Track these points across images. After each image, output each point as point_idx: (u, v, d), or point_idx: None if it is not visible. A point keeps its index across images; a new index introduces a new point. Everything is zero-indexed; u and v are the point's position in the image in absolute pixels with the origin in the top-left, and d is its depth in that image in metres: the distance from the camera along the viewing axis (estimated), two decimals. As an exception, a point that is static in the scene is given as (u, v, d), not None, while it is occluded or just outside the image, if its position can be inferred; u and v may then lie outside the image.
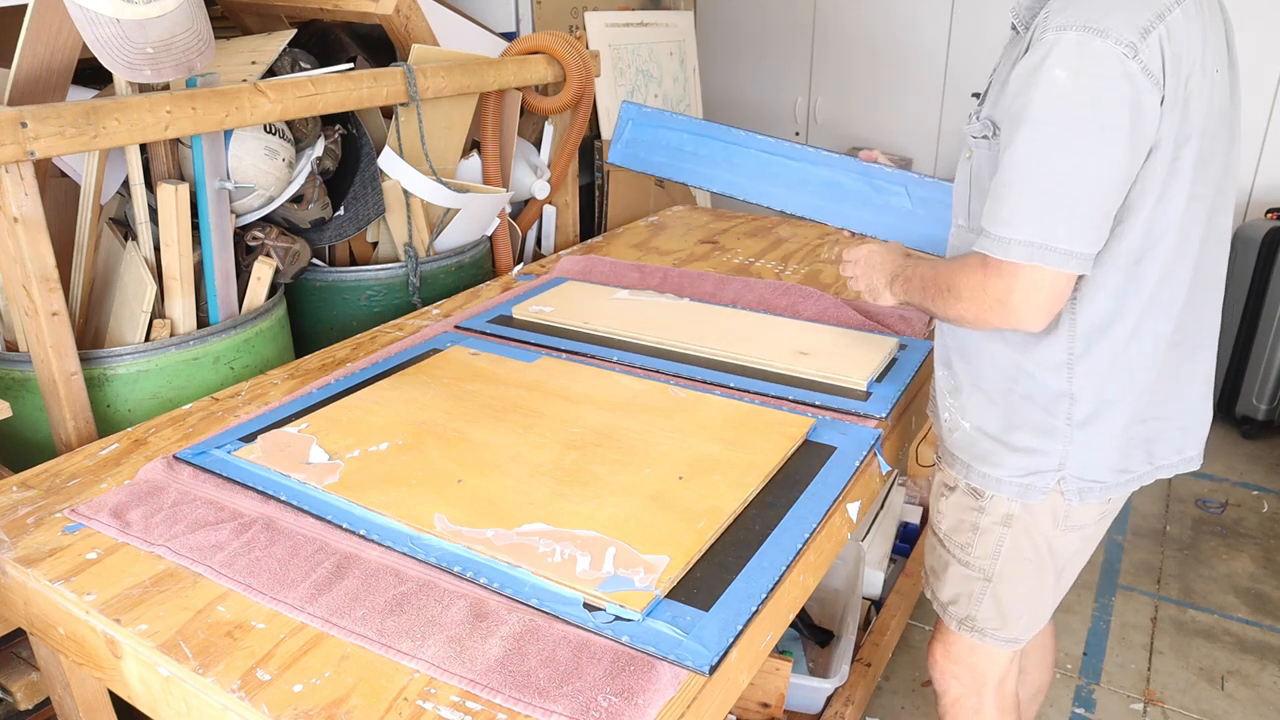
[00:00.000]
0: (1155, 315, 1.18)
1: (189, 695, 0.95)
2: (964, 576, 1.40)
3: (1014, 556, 1.34)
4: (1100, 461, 1.25)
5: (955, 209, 1.32)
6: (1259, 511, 2.97)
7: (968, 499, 1.36)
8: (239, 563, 1.09)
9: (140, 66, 1.40)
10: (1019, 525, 1.32)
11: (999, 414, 1.28)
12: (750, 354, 1.66)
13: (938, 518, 1.44)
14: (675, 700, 0.89)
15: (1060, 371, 1.21)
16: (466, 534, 1.12)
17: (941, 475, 1.42)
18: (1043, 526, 1.31)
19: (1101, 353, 1.19)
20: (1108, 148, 1.04)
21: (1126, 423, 1.24)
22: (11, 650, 1.45)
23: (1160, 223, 1.12)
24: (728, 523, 1.16)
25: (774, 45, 4.49)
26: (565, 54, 2.38)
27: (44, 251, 1.41)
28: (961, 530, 1.38)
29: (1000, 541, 1.34)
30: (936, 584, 1.47)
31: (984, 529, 1.35)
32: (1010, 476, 1.29)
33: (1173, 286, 1.18)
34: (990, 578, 1.37)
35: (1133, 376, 1.21)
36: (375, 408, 1.46)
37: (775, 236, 2.56)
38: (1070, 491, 1.27)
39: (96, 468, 1.34)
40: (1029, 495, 1.28)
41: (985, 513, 1.34)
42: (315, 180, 1.91)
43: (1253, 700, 2.16)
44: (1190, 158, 1.11)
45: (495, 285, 2.17)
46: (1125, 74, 1.02)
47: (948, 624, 1.46)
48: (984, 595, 1.39)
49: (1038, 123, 1.06)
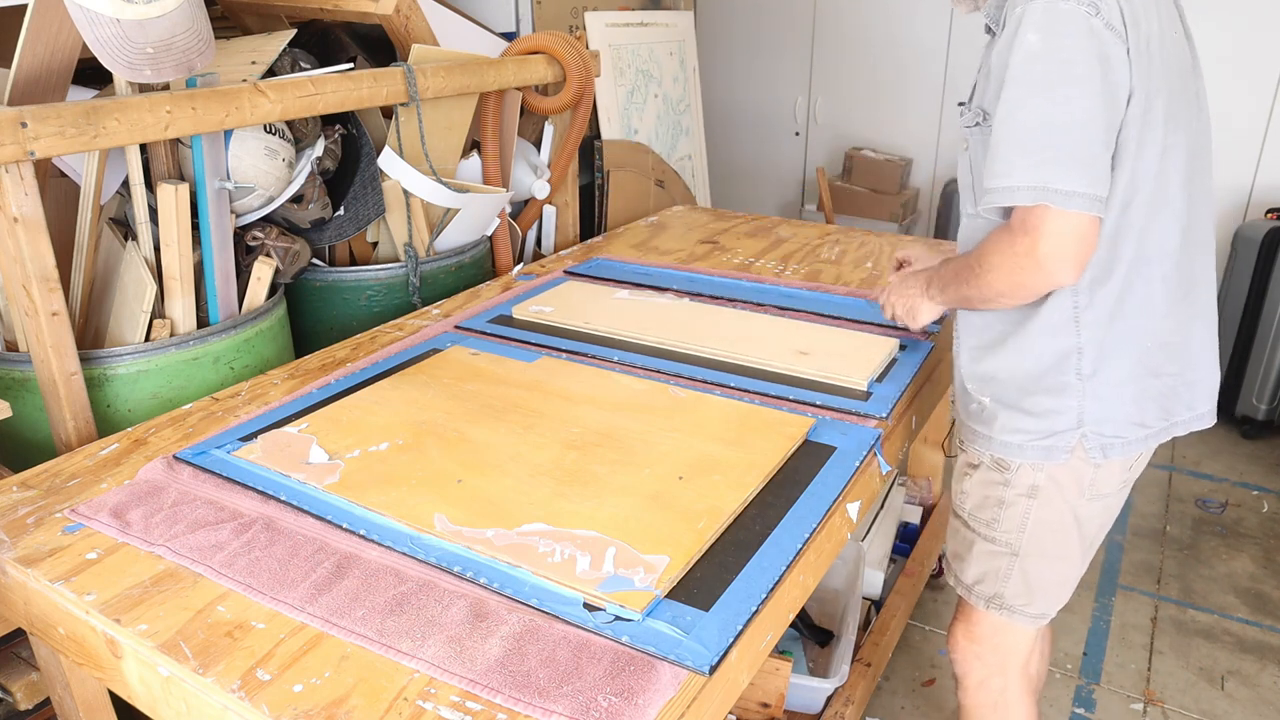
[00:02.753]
0: (1149, 260, 1.24)
1: (189, 695, 0.95)
2: (990, 553, 1.42)
3: (1041, 528, 1.36)
4: (1116, 414, 1.29)
5: (963, 200, 1.37)
6: (1259, 511, 2.97)
7: (992, 474, 1.38)
8: (239, 563, 1.09)
9: (140, 66, 1.40)
10: (1044, 495, 1.34)
11: (1015, 383, 1.32)
12: (750, 354, 1.66)
13: (961, 498, 1.46)
14: (675, 700, 0.89)
15: (1068, 327, 1.26)
16: (466, 534, 1.12)
17: (964, 456, 1.46)
18: (1068, 495, 1.34)
19: (1103, 302, 1.25)
20: (1082, 96, 1.12)
21: (1134, 370, 1.28)
22: (11, 650, 1.45)
23: (1139, 170, 1.20)
24: (728, 523, 1.16)
25: (774, 45, 4.49)
26: (565, 54, 2.38)
27: (44, 251, 1.41)
28: (987, 506, 1.40)
29: (1026, 513, 1.36)
30: (960, 566, 1.48)
31: (1009, 502, 1.37)
32: (1032, 441, 1.32)
33: (1161, 231, 1.24)
34: (1017, 551, 1.39)
35: (1131, 323, 1.26)
36: (375, 408, 1.46)
37: (775, 236, 2.56)
38: (1093, 449, 1.30)
39: (96, 468, 1.34)
40: (1053, 456, 1.31)
41: (1010, 485, 1.36)
42: (315, 180, 1.91)
43: (1253, 700, 2.16)
44: (1160, 109, 1.18)
45: (495, 285, 2.17)
46: (1090, 30, 1.11)
47: (974, 604, 1.47)
48: (1011, 570, 1.40)
49: (1017, 82, 1.14)
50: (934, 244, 1.99)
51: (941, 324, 1.83)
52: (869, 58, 4.26)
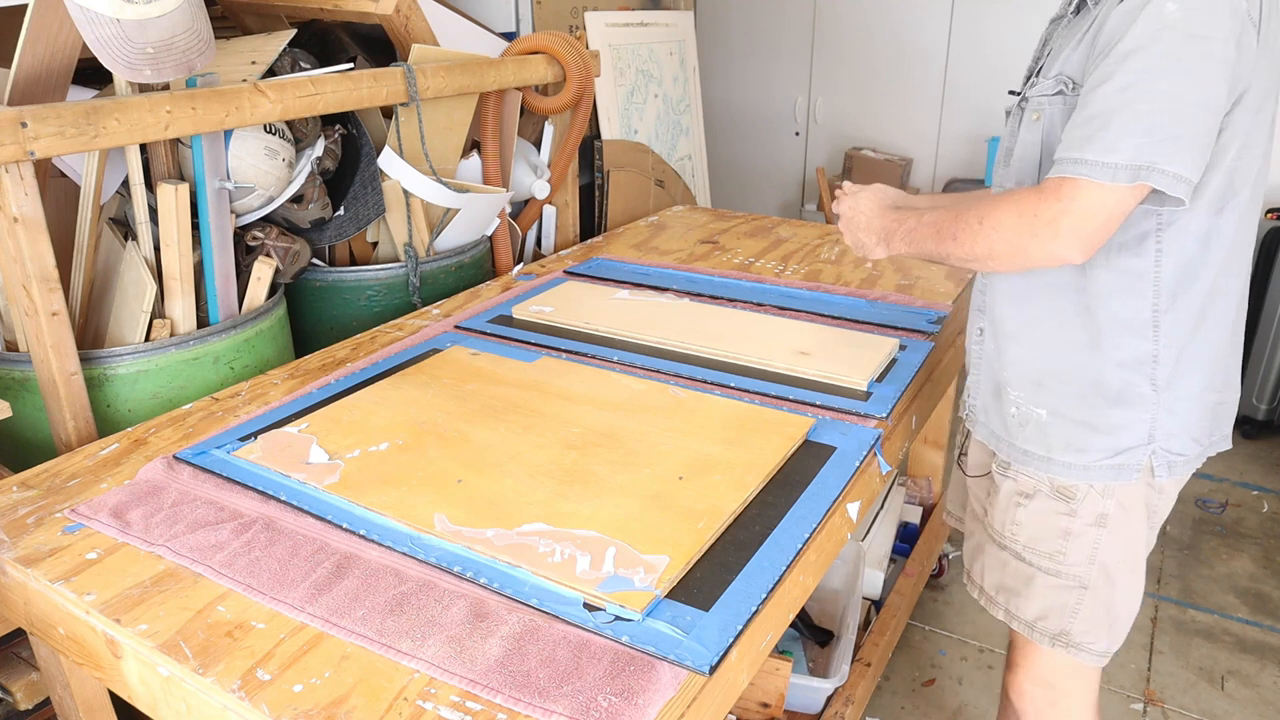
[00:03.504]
0: (1230, 272, 1.17)
1: (189, 695, 0.95)
2: (1055, 587, 1.30)
3: (1112, 556, 1.27)
4: (1183, 429, 1.21)
5: (1017, 174, 1.26)
6: (1259, 511, 2.97)
7: (1053, 503, 1.27)
8: (239, 563, 1.09)
9: (140, 66, 1.40)
10: (1115, 524, 1.25)
11: (1078, 392, 1.22)
12: (750, 354, 1.66)
13: (1012, 529, 1.33)
14: (675, 700, 0.89)
15: (1145, 330, 1.17)
16: (466, 534, 1.12)
17: (1011, 484, 1.33)
18: (1135, 519, 1.25)
19: (1186, 308, 1.16)
20: (1210, 78, 1.02)
21: (1206, 385, 1.21)
22: (11, 650, 1.45)
23: (1241, 172, 1.11)
24: (728, 523, 1.16)
25: (774, 45, 4.49)
26: (565, 54, 2.38)
27: (44, 251, 1.41)
28: (1048, 538, 1.29)
29: (1096, 543, 1.26)
30: (1015, 602, 1.36)
31: (1076, 533, 1.26)
32: (1100, 461, 1.22)
33: (1245, 241, 1.17)
34: (1087, 585, 1.28)
35: (1210, 334, 1.18)
36: (375, 408, 1.46)
37: (775, 236, 2.56)
38: (1160, 466, 1.21)
39: (96, 468, 1.34)
40: (1123, 475, 1.22)
41: (1077, 515, 1.25)
42: (315, 180, 1.91)
43: (1253, 700, 2.16)
44: (1269, 110, 1.10)
45: (495, 285, 2.17)
46: (1232, 9, 1.02)
47: (1038, 643, 1.35)
48: (1080, 604, 1.29)
49: (1142, 52, 1.03)
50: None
51: (941, 325, 1.82)
52: (869, 58, 4.26)
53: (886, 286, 2.08)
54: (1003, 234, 1.13)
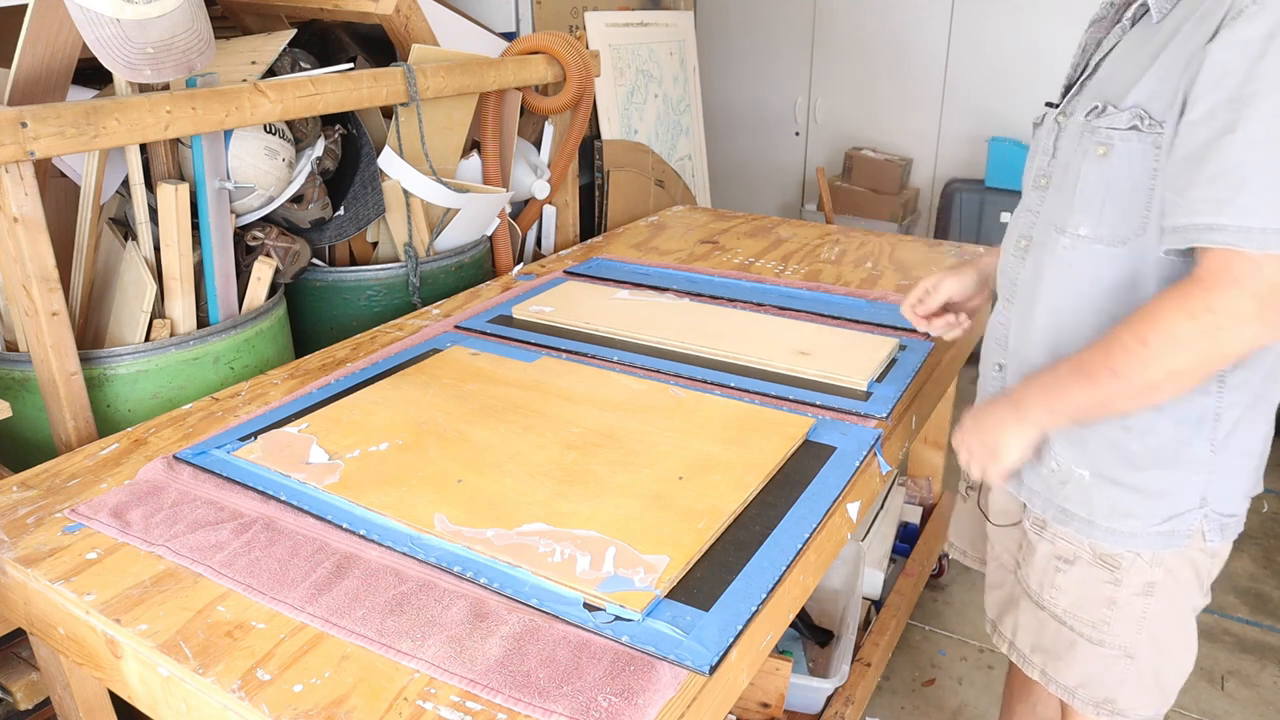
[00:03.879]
0: None
1: (189, 695, 0.95)
2: (1099, 656, 1.21)
3: (1160, 627, 1.17)
4: (1237, 488, 1.12)
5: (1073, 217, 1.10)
6: (1259, 511, 2.97)
7: (1097, 571, 1.17)
8: (239, 563, 1.09)
9: (140, 66, 1.40)
10: (1164, 592, 1.15)
11: (1127, 453, 1.11)
12: (750, 354, 1.66)
13: (1051, 594, 1.23)
14: (675, 700, 0.89)
15: (1209, 386, 1.06)
16: (466, 534, 1.12)
17: (1049, 546, 1.22)
18: (1187, 589, 1.16)
19: (1256, 363, 1.05)
20: None
21: (1265, 435, 1.12)
22: (11, 650, 1.45)
23: None
24: (728, 523, 1.16)
25: (774, 45, 4.49)
26: (565, 54, 2.38)
27: (44, 251, 1.41)
28: (1091, 606, 1.19)
29: (1144, 614, 1.17)
30: (1054, 666, 1.26)
31: (1122, 603, 1.17)
32: (1148, 528, 1.12)
33: None
34: (1134, 655, 1.19)
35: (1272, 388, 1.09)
36: (375, 408, 1.46)
37: (775, 236, 2.56)
38: (1211, 530, 1.12)
39: (96, 468, 1.34)
40: (1174, 542, 1.12)
41: (1122, 585, 1.16)
42: (315, 180, 1.91)
43: (1253, 700, 2.16)
44: None
45: (495, 285, 2.17)
46: None
47: (1079, 709, 1.25)
48: (1126, 674, 1.20)
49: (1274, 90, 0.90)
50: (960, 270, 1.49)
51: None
52: (869, 58, 4.26)
53: (886, 286, 2.08)
54: (1181, 345, 0.96)
